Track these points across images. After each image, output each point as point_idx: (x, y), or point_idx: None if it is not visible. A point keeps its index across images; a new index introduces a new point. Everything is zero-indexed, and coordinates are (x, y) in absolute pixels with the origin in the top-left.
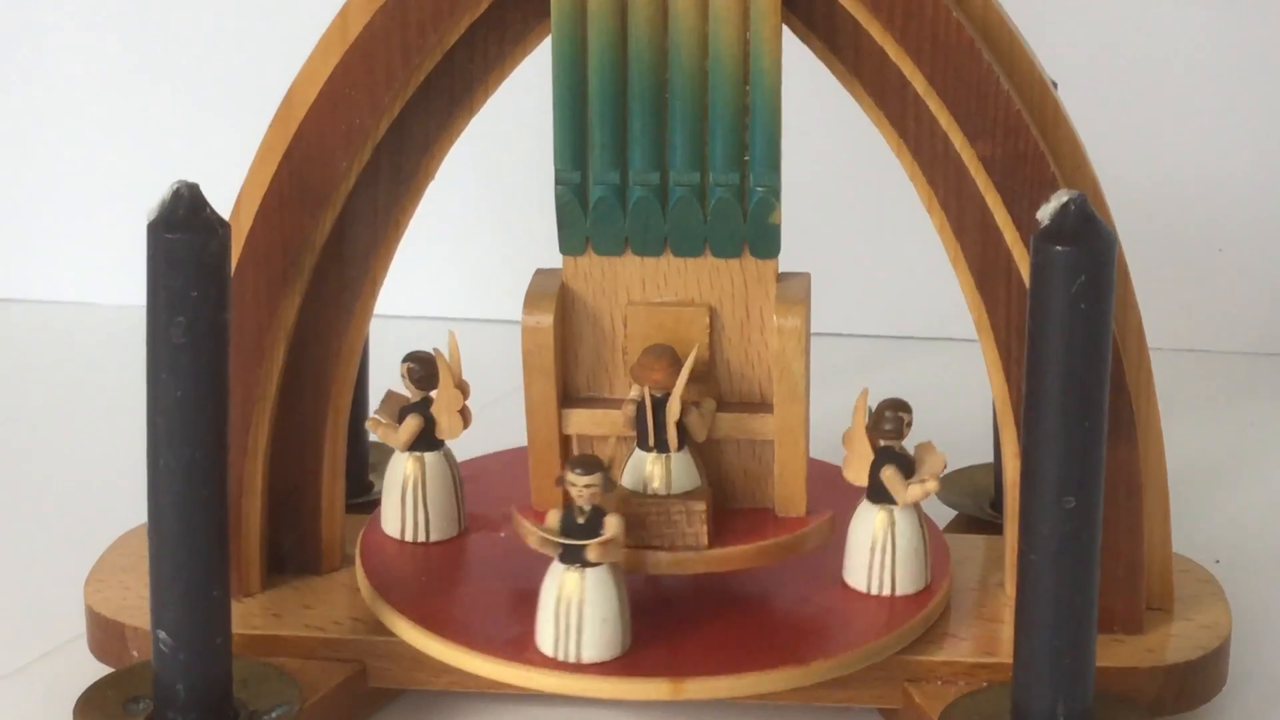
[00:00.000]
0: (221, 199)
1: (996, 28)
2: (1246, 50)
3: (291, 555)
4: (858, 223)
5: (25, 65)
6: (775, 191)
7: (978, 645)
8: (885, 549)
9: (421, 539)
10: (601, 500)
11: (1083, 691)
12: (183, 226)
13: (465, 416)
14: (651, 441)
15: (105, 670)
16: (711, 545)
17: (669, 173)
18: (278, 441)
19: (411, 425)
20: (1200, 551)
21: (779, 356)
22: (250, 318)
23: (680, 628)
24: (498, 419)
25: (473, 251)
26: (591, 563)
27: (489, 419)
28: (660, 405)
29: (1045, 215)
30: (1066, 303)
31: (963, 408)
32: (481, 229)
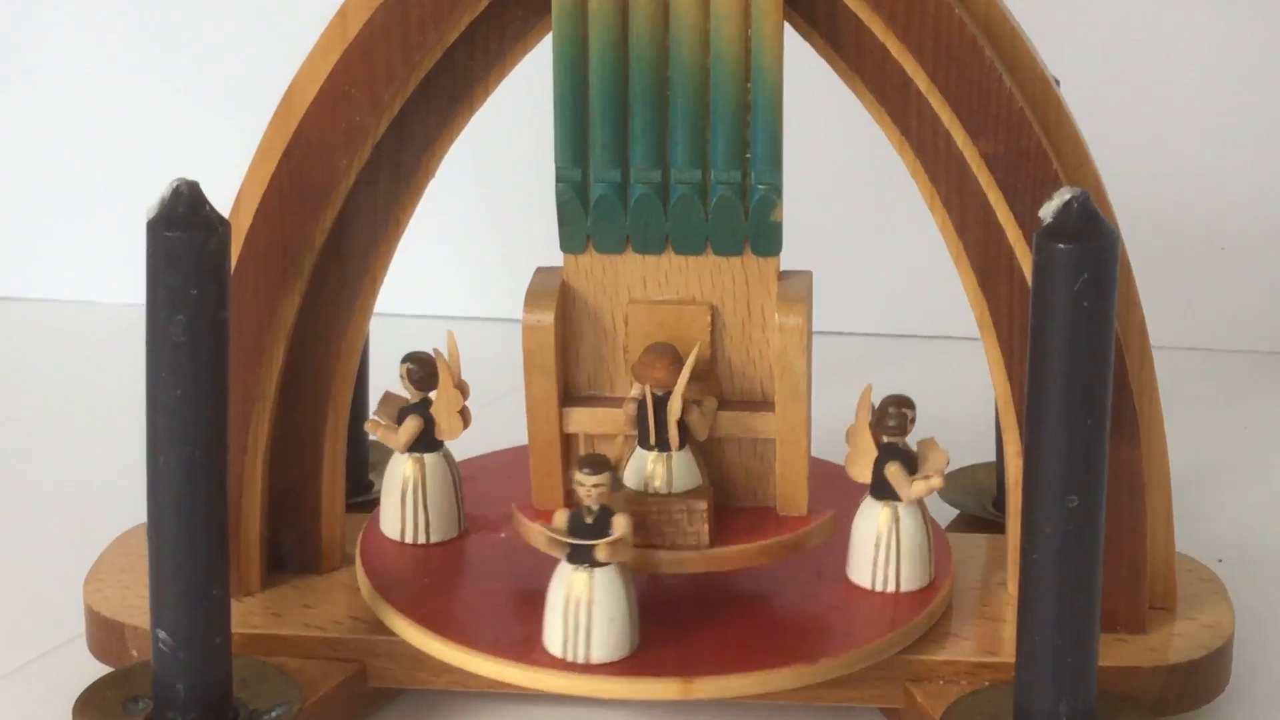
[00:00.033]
0: (221, 197)
1: (998, 25)
2: (1250, 48)
3: (291, 554)
4: (859, 221)
5: (25, 64)
6: (777, 189)
7: (980, 644)
8: (890, 545)
9: (422, 541)
10: (609, 499)
11: (1085, 691)
12: (182, 224)
13: (465, 417)
14: (653, 440)
15: (105, 670)
16: (713, 544)
17: (670, 170)
18: (278, 440)
19: (411, 426)
20: (1203, 551)
21: (780, 355)
22: (250, 316)
23: (686, 627)
24: (498, 418)
25: (473, 250)
26: (600, 562)
27: (489, 418)
28: (661, 404)
29: (1048, 213)
30: (1069, 301)
31: (964, 406)
32: (482, 227)
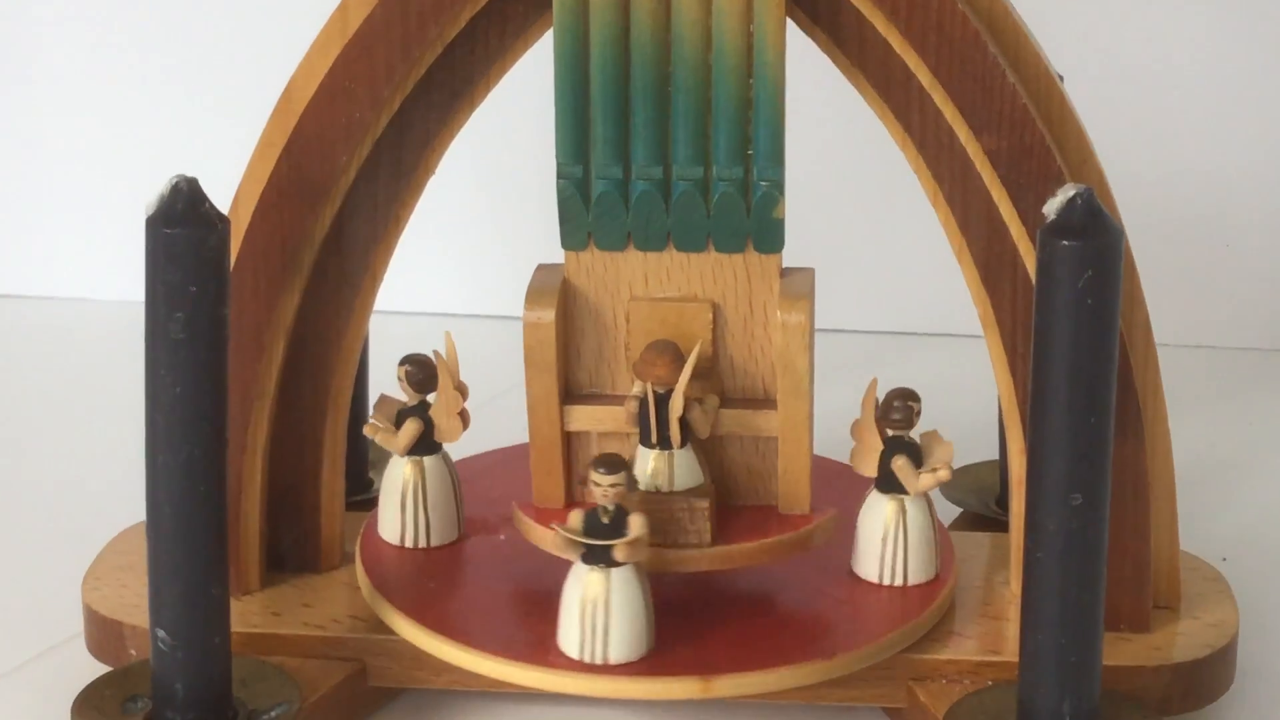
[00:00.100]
0: (220, 194)
1: (1002, 20)
2: (1255, 45)
3: (291, 553)
4: (862, 217)
5: (25, 63)
6: (779, 186)
7: (983, 643)
8: (897, 539)
9: (422, 544)
10: (624, 499)
11: (1089, 690)
12: (181, 221)
13: (465, 419)
14: (654, 438)
15: (103, 669)
16: (715, 542)
17: (672, 167)
18: (277, 438)
19: (411, 429)
20: (1207, 549)
21: (782, 352)
22: (249, 313)
23: (699, 626)
24: (498, 416)
25: (474, 247)
26: (617, 563)
27: (489, 416)
28: (663, 401)
29: (1052, 209)
30: (1073, 298)
31: (968, 404)
32: (482, 224)
